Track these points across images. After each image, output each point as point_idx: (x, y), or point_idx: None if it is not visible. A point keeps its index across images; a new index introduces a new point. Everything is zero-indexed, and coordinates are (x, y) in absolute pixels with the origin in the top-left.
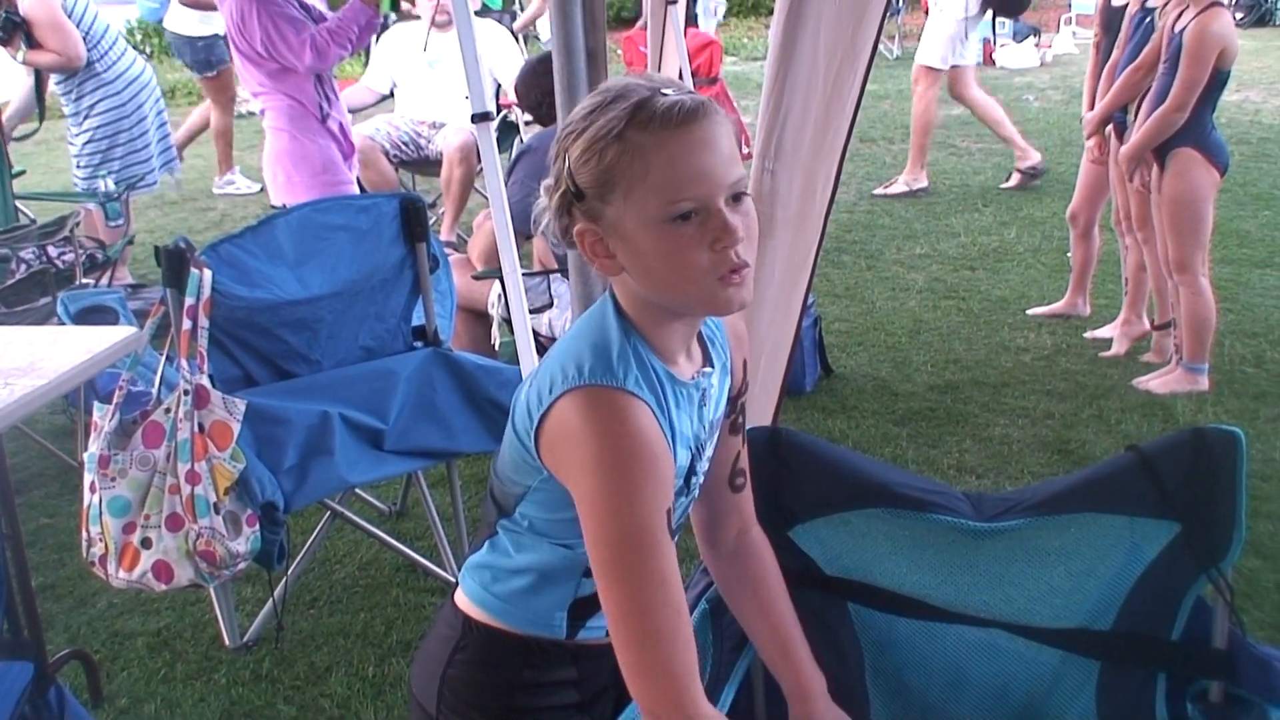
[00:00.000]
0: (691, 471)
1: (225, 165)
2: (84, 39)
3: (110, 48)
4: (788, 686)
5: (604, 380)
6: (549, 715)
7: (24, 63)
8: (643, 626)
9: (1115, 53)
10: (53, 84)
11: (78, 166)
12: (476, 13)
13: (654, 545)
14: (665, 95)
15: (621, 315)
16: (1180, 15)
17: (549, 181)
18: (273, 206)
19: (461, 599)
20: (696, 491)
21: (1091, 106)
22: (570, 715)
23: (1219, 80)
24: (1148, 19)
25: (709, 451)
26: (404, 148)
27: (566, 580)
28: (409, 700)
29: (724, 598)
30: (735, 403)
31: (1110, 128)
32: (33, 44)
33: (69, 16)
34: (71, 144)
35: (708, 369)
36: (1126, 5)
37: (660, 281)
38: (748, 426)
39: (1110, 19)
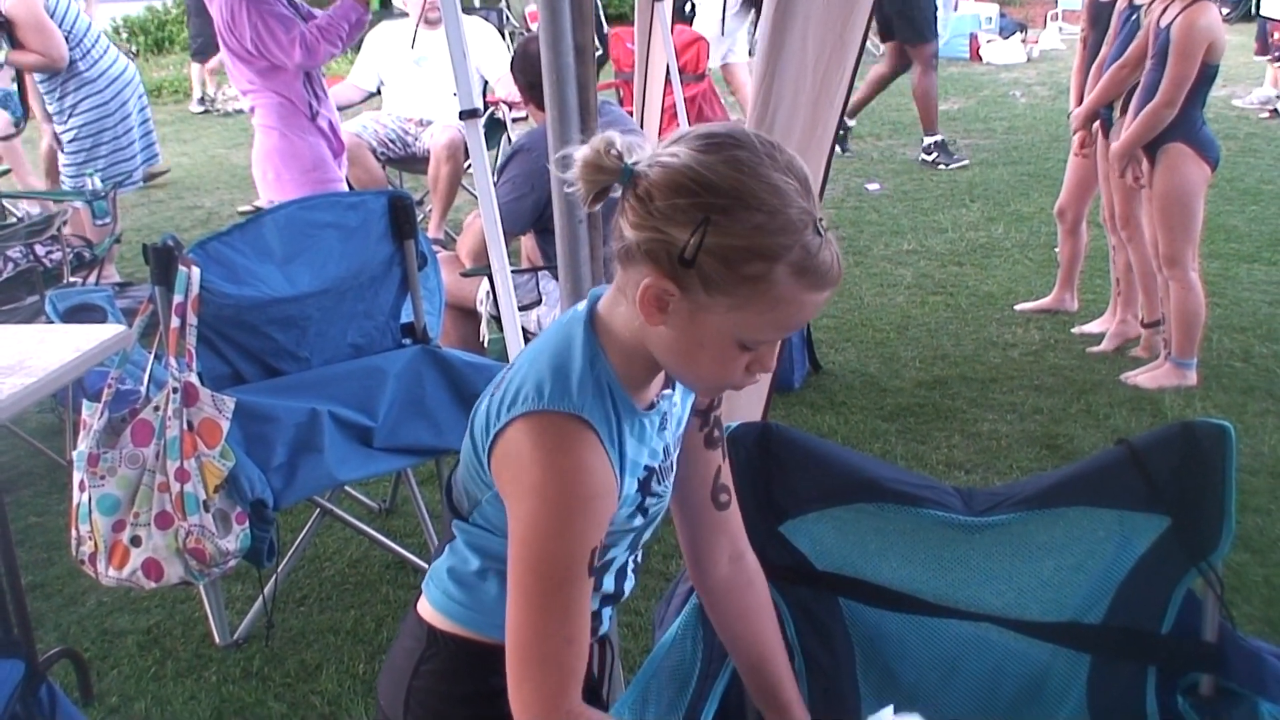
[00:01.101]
0: (648, 494)
1: None
2: (68, 38)
3: (93, 46)
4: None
5: (559, 406)
6: None
7: (6, 63)
8: (534, 649)
9: (1104, 49)
10: (36, 80)
11: (64, 165)
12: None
13: (570, 580)
14: (824, 241)
15: (594, 336)
16: (1166, 10)
17: (630, 167)
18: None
19: (425, 608)
20: (656, 518)
21: (1079, 102)
22: None
23: (1208, 75)
24: (1135, 15)
25: (673, 472)
26: (391, 145)
27: None
28: (376, 712)
29: (713, 625)
30: (708, 415)
31: (1097, 124)
32: (15, 44)
33: (53, 14)
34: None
35: (668, 390)
36: (1114, 1)
37: (687, 367)
38: (737, 423)
39: (1098, 14)
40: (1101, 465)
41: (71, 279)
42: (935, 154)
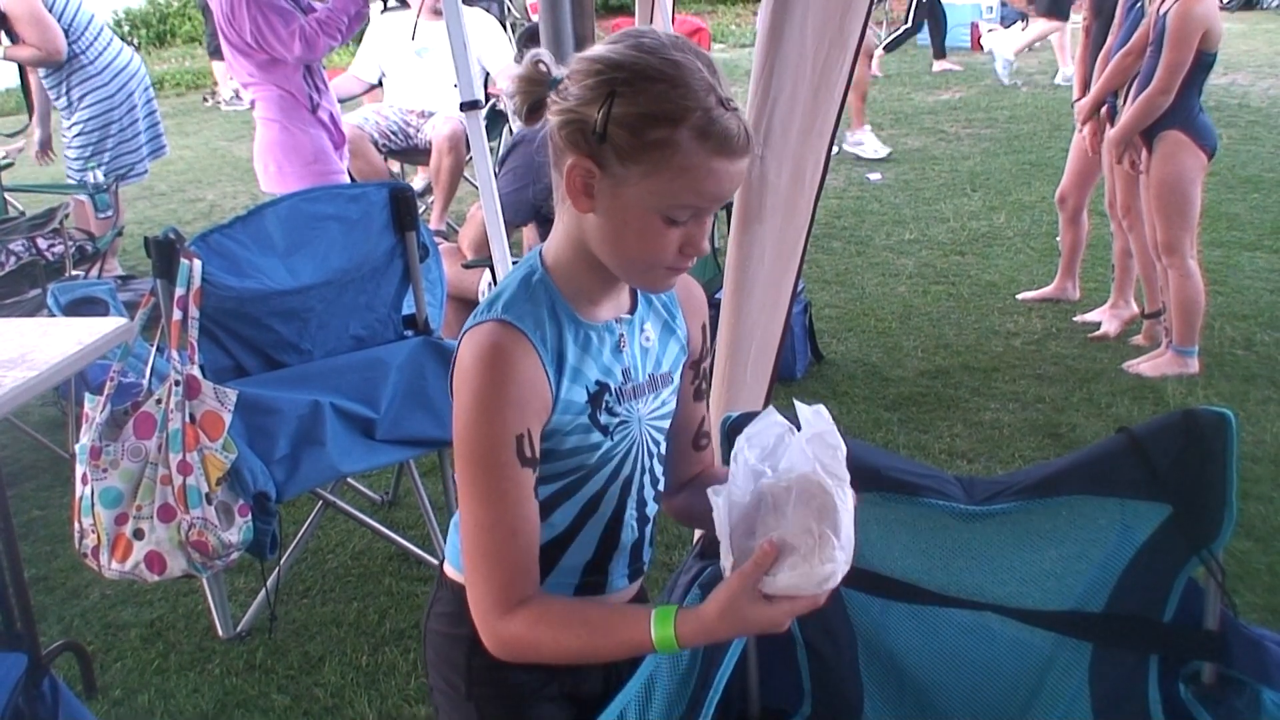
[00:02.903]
0: (601, 409)
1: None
2: (67, 32)
3: (95, 39)
4: None
5: (485, 317)
6: (516, 675)
7: (4, 58)
8: (478, 541)
9: (1110, 38)
10: (40, 75)
11: (71, 159)
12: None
13: (500, 466)
14: (729, 112)
15: (537, 260)
16: None
17: (558, 77)
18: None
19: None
20: (625, 440)
21: (1083, 90)
22: (538, 678)
23: (1204, 63)
24: (1139, 3)
25: (649, 405)
26: (392, 137)
27: None
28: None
29: (687, 517)
30: (698, 368)
31: (1103, 111)
32: (14, 39)
33: (51, 9)
34: (64, 136)
35: (628, 315)
36: None
37: (619, 249)
38: (737, 413)
39: (1100, 3)
40: (1103, 453)
41: (74, 272)
42: None
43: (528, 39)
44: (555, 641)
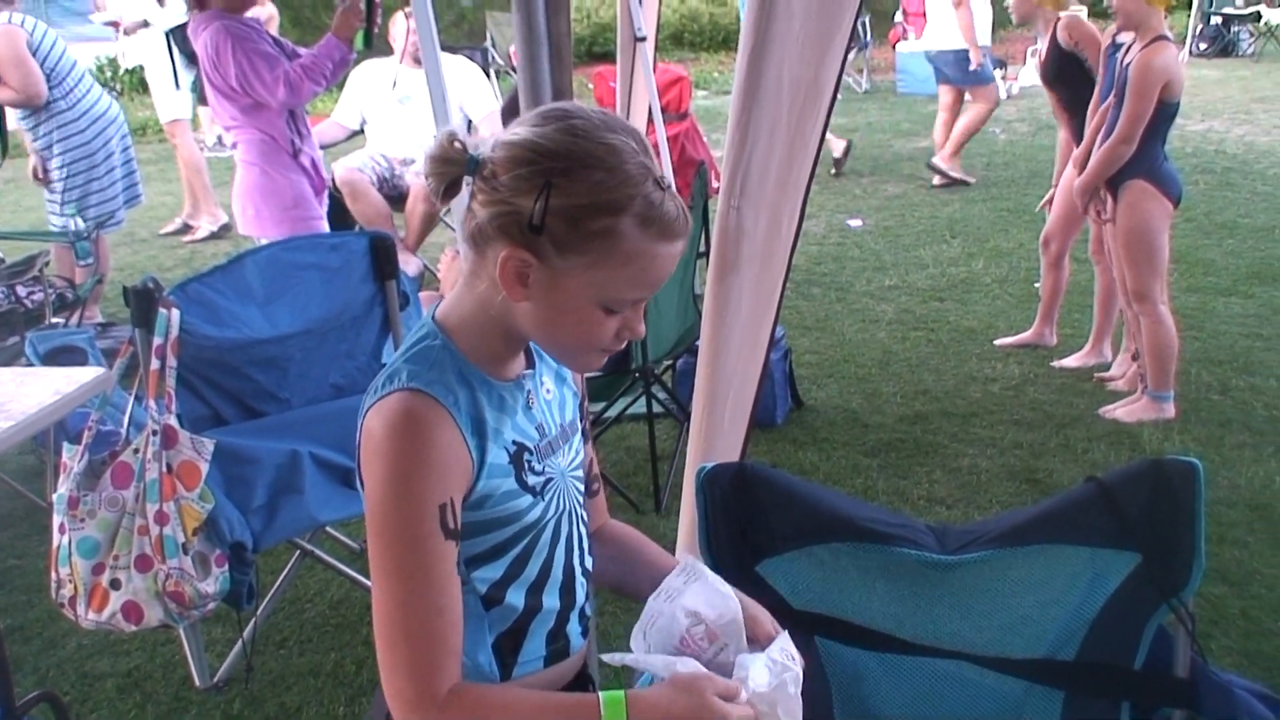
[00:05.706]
0: (523, 470)
1: None
2: (50, 75)
3: (75, 85)
4: None
5: (389, 389)
6: None
7: None
8: (399, 623)
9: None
10: (15, 119)
11: (50, 205)
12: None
13: (422, 539)
14: (666, 194)
15: (432, 327)
16: (1129, 50)
17: (476, 157)
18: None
19: None
20: (555, 498)
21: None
22: None
23: (1166, 113)
24: (1118, 52)
25: (566, 457)
26: (381, 184)
27: (472, 619)
28: None
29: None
30: (582, 408)
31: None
32: None
33: (36, 50)
34: (49, 184)
35: (529, 370)
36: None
37: (555, 334)
38: (713, 464)
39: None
40: (1072, 502)
41: (53, 320)
42: None
43: (508, 114)
44: None
